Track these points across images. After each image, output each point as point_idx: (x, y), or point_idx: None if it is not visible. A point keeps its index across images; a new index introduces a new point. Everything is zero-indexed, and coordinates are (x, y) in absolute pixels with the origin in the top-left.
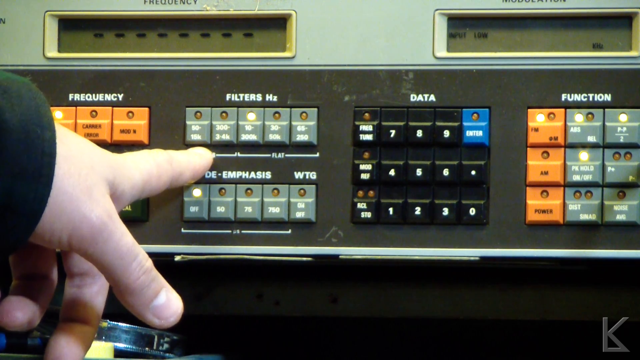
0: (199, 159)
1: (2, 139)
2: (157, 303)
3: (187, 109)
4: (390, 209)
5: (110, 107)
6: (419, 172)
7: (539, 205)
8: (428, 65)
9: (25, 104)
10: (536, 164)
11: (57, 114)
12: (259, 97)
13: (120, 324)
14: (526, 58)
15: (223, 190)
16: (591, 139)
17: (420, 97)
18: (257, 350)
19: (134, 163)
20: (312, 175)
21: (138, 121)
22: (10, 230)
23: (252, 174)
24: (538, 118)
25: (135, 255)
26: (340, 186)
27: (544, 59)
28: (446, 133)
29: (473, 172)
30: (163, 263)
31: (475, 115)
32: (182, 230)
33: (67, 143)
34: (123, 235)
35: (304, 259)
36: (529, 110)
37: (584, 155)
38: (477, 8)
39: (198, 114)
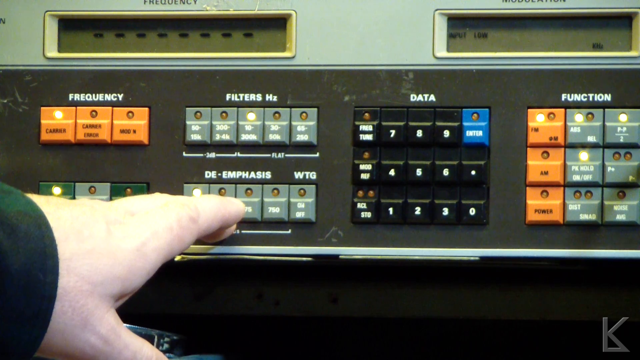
0: (229, 204)
1: (1, 284)
2: None
3: (187, 109)
4: (390, 209)
5: (110, 107)
6: (419, 172)
7: (539, 205)
8: (428, 65)
9: (32, 247)
10: (536, 164)
11: (57, 114)
12: (259, 97)
13: None
14: (526, 58)
15: (223, 190)
16: (591, 139)
17: (420, 97)
18: (257, 350)
19: (152, 240)
20: (312, 175)
21: (138, 121)
22: None
23: (252, 174)
24: (538, 118)
25: None
26: (340, 186)
27: (544, 59)
28: (446, 133)
29: (473, 172)
30: (163, 263)
31: (475, 115)
32: None
33: (71, 266)
34: (122, 352)
35: (304, 259)
36: (529, 110)
37: (584, 155)
38: (477, 8)
39: (198, 114)
